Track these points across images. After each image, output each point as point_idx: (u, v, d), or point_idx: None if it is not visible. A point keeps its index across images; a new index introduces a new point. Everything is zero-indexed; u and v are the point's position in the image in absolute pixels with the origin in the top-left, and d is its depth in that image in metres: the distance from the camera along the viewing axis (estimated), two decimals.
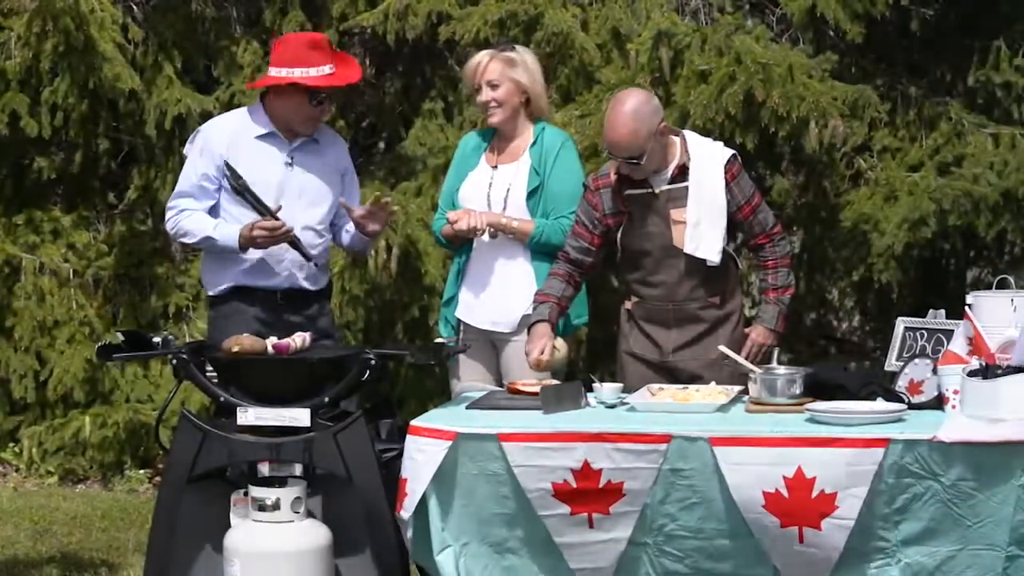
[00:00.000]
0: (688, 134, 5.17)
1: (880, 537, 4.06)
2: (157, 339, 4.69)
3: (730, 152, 5.10)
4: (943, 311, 4.67)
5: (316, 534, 4.42)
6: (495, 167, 5.29)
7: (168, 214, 5.29)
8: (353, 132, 7.96)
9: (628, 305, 5.21)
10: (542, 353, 4.90)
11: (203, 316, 7.44)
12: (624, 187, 5.06)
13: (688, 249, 4.99)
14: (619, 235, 5.10)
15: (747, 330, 5.15)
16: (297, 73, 5.10)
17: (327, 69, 5.13)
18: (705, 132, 6.22)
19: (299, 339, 4.64)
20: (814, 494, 4.03)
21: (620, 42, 7.04)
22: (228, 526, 4.48)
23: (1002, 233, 7.02)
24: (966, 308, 4.44)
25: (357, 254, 6.04)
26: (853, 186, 7.29)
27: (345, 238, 5.41)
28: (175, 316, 7.56)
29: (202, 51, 7.78)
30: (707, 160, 5.04)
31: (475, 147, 5.38)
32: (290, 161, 5.21)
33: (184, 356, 4.56)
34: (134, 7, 7.70)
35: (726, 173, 5.02)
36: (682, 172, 5.02)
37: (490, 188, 5.27)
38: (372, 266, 6.62)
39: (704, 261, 5.00)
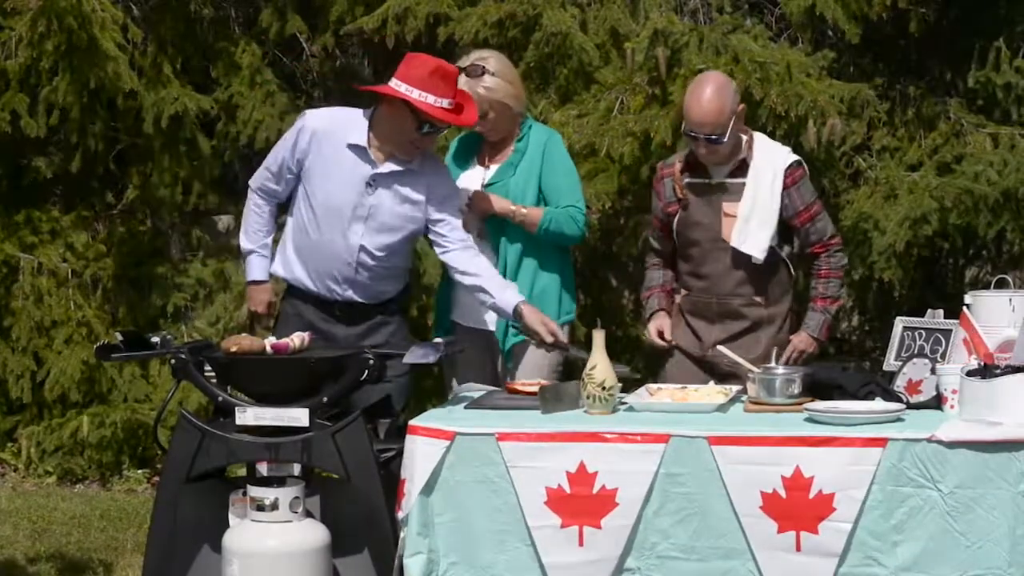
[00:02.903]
0: (757, 135, 5.25)
1: (877, 562, 4.04)
2: (155, 339, 4.69)
3: (794, 158, 5.17)
4: (941, 311, 4.67)
5: (314, 534, 4.41)
6: (488, 167, 5.29)
7: (252, 180, 5.17)
8: None
9: (678, 299, 5.30)
10: (660, 335, 5.23)
11: (202, 316, 7.45)
12: (686, 175, 5.16)
13: (735, 243, 5.07)
14: (675, 223, 5.20)
15: (792, 336, 5.20)
16: (415, 94, 4.84)
17: (446, 102, 4.87)
18: None
19: (297, 339, 4.64)
20: (812, 495, 4.03)
21: (619, 42, 7.04)
22: (227, 526, 4.48)
23: (1001, 232, 7.02)
24: (964, 310, 4.44)
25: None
26: (852, 185, 7.30)
27: (484, 299, 5.03)
28: (174, 316, 7.57)
29: (201, 51, 7.79)
30: (768, 160, 5.11)
31: (465, 148, 5.37)
32: (371, 183, 4.99)
33: (183, 356, 4.56)
34: (133, 7, 7.71)
35: (786, 177, 5.10)
36: (741, 168, 5.10)
37: (483, 187, 5.26)
38: None
39: (750, 257, 5.06)
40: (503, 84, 5.19)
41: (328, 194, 5.00)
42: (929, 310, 4.70)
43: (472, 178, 5.31)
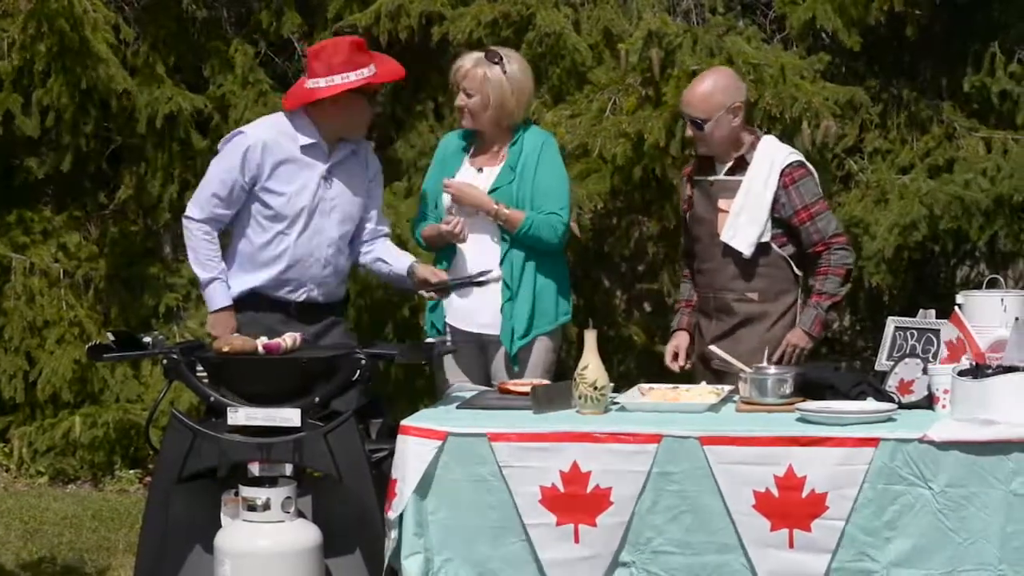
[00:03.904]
0: (767, 137, 5.32)
1: (869, 557, 4.05)
2: (147, 339, 4.69)
3: (795, 158, 5.22)
4: (933, 311, 4.68)
5: (306, 534, 4.41)
6: (480, 170, 5.26)
7: (197, 212, 5.11)
8: None
9: (695, 298, 5.40)
10: (675, 357, 5.37)
11: (194, 316, 7.43)
12: (695, 172, 5.31)
13: (724, 237, 5.15)
14: (685, 220, 5.37)
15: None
16: (353, 77, 4.96)
17: (374, 68, 5.03)
18: None
19: (289, 339, 4.64)
20: (804, 494, 4.03)
21: (612, 43, 7.04)
22: (219, 526, 4.47)
23: (993, 236, 7.03)
24: (955, 309, 4.45)
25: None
26: (844, 188, 7.30)
27: (382, 268, 5.29)
28: (166, 316, 7.55)
29: (193, 51, 7.78)
30: (766, 159, 5.18)
31: (456, 149, 5.34)
32: (327, 175, 5.10)
33: (175, 356, 4.56)
34: (125, 7, 7.71)
35: (784, 176, 5.14)
36: (741, 166, 5.18)
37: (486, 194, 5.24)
38: None
39: (741, 254, 5.13)
40: (504, 84, 5.16)
41: (291, 199, 5.06)
42: (921, 310, 4.71)
43: (463, 179, 5.28)
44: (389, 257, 5.26)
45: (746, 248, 5.13)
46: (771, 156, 5.18)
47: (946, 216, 6.80)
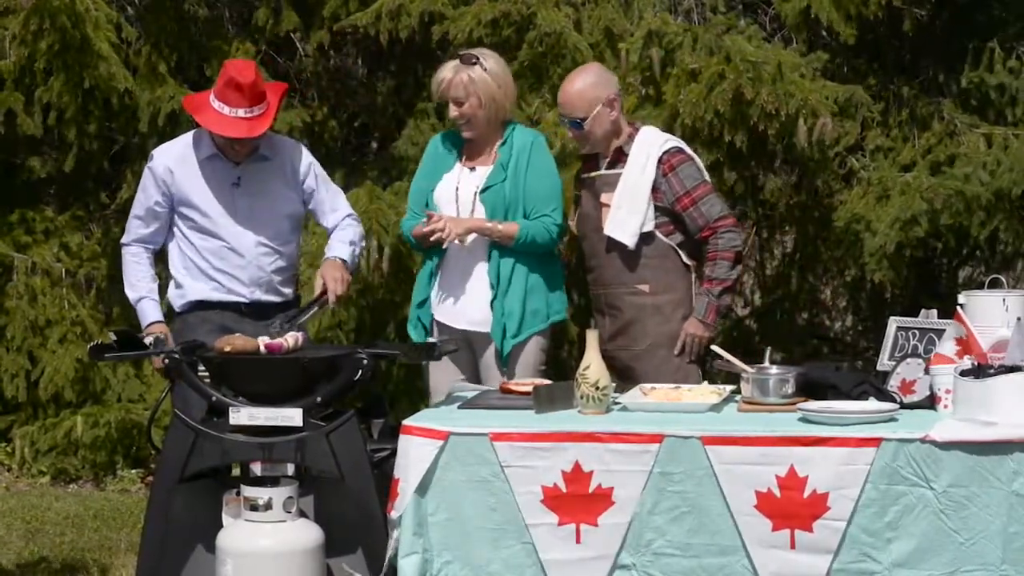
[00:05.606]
0: (645, 128, 5.33)
1: (871, 558, 4.05)
2: (148, 339, 4.69)
3: (672, 144, 5.22)
4: (935, 311, 4.68)
5: (308, 534, 4.41)
6: (473, 169, 5.28)
7: (125, 236, 5.38)
8: (345, 132, 7.97)
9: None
10: None
11: None
12: (581, 171, 5.34)
13: (607, 230, 5.17)
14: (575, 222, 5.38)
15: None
16: (216, 105, 5.07)
17: (242, 112, 5.06)
18: (695, 131, 6.26)
19: (291, 339, 4.64)
20: (806, 494, 4.03)
21: (613, 42, 7.04)
22: (220, 526, 4.48)
23: (994, 232, 7.03)
24: (957, 308, 4.44)
25: None
26: (846, 186, 7.30)
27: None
28: (167, 316, 7.54)
29: (195, 51, 7.79)
30: (643, 148, 5.18)
31: (447, 147, 5.36)
32: (236, 182, 5.21)
33: (176, 356, 4.56)
34: (127, 7, 7.71)
35: (663, 164, 5.15)
36: (621, 159, 5.19)
37: (457, 189, 5.26)
38: (364, 266, 6.62)
39: (626, 246, 5.13)
40: (489, 81, 5.18)
41: (205, 208, 5.20)
42: (923, 310, 4.71)
43: (453, 178, 5.29)
44: (331, 242, 5.35)
45: (628, 239, 5.13)
46: (648, 144, 5.19)
47: (947, 211, 6.80)
